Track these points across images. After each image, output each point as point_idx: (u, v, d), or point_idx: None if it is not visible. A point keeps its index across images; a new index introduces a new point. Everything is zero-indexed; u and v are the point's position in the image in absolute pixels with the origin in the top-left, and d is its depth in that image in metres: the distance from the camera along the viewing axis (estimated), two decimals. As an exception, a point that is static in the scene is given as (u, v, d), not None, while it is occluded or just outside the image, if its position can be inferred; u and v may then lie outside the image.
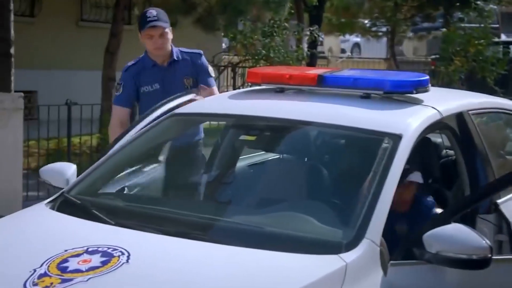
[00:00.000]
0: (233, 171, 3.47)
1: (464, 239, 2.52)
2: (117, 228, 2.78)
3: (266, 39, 9.20)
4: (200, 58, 4.20)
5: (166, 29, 4.09)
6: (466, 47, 12.38)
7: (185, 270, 2.48)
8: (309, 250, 2.56)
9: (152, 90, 4.12)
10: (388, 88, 3.22)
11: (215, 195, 3.28)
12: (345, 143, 3.40)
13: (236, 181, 3.30)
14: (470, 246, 2.51)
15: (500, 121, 3.94)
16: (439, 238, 2.54)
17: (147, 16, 4.07)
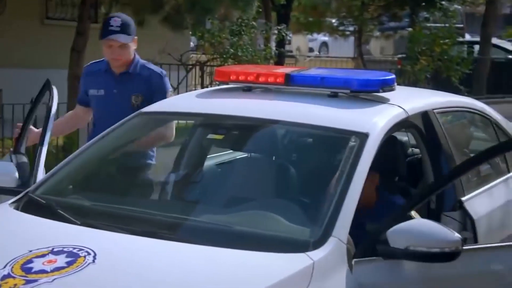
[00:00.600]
0: (201, 170, 3.46)
1: (436, 233, 2.54)
2: (83, 228, 2.75)
3: (234, 38, 9.20)
4: (159, 79, 3.92)
5: (129, 43, 3.87)
6: (432, 46, 12.54)
7: (153, 270, 2.46)
8: (276, 248, 2.57)
9: (97, 94, 3.94)
10: (355, 87, 3.24)
11: (183, 194, 3.27)
12: (312, 142, 3.42)
13: (204, 180, 3.29)
14: (442, 240, 2.53)
15: (465, 119, 4.00)
16: (407, 233, 2.56)
17: (111, 24, 3.83)
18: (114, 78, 3.94)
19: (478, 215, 3.38)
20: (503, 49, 16.61)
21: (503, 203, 3.66)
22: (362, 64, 17.24)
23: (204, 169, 3.44)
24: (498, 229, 3.53)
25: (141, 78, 3.91)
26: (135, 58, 3.95)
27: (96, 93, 3.96)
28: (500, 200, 3.65)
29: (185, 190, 3.28)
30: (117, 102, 3.83)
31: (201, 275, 2.44)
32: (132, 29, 3.91)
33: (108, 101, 3.89)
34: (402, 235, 2.57)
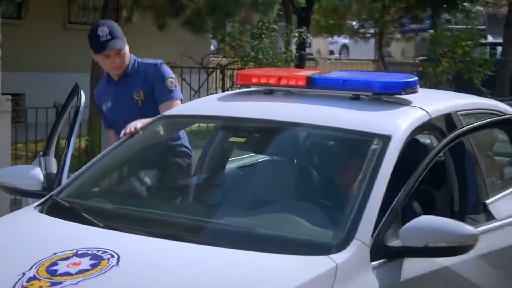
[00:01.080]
0: (223, 173, 3.46)
1: (453, 229, 2.60)
2: (106, 231, 2.77)
3: (255, 41, 9.20)
4: (155, 68, 3.79)
5: (123, 48, 3.73)
6: (454, 48, 12.45)
7: (175, 272, 2.48)
8: (299, 251, 2.57)
9: (107, 108, 3.87)
10: (377, 90, 3.23)
11: (205, 197, 3.28)
12: (334, 144, 3.41)
13: (226, 183, 3.30)
14: (461, 234, 2.59)
15: (488, 122, 3.95)
16: (424, 231, 2.58)
17: (100, 35, 3.66)
18: (115, 85, 3.85)
19: (502, 217, 3.35)
20: (526, 50, 16.44)
21: (527, 206, 3.61)
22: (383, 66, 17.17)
23: (226, 172, 3.45)
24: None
25: (139, 74, 3.80)
26: (131, 58, 3.83)
27: (106, 107, 3.89)
28: (525, 203, 3.61)
29: (207, 193, 3.30)
30: (122, 105, 3.78)
31: (223, 278, 2.44)
32: (120, 31, 3.78)
33: (115, 108, 3.83)
34: (418, 233, 2.58)
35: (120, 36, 3.75)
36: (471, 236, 2.60)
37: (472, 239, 2.61)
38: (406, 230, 2.61)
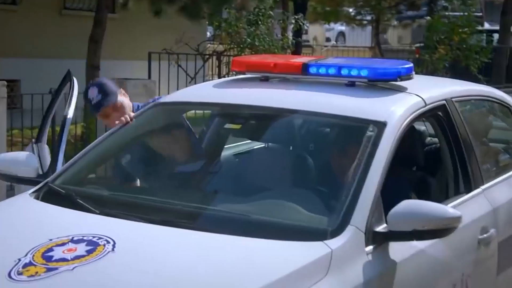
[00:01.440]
0: (219, 160, 3.46)
1: (439, 212, 2.66)
2: (102, 217, 2.77)
3: (251, 28, 9.16)
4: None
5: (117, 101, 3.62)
6: (450, 35, 12.43)
7: (171, 258, 2.48)
8: (294, 237, 2.58)
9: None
10: (372, 76, 3.22)
11: (201, 184, 3.28)
12: (330, 131, 3.41)
13: (222, 170, 3.30)
14: (447, 217, 2.67)
15: (484, 108, 3.97)
16: (411, 217, 2.63)
17: (91, 99, 3.65)
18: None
19: (497, 203, 3.36)
20: (523, 37, 16.43)
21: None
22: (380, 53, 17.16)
23: (222, 159, 3.45)
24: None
25: None
26: (133, 106, 3.76)
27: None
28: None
29: (203, 180, 3.30)
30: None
31: (219, 264, 2.45)
32: (111, 86, 3.69)
33: None
34: (405, 218, 2.63)
35: (111, 91, 3.67)
36: (454, 219, 2.67)
37: (456, 221, 2.67)
38: (393, 215, 2.64)
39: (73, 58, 10.70)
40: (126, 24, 11.87)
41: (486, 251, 3.19)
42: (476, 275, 3.09)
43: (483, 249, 3.17)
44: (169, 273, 2.39)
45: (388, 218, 2.67)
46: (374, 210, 2.68)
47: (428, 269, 2.84)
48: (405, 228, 2.64)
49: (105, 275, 2.38)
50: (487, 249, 3.20)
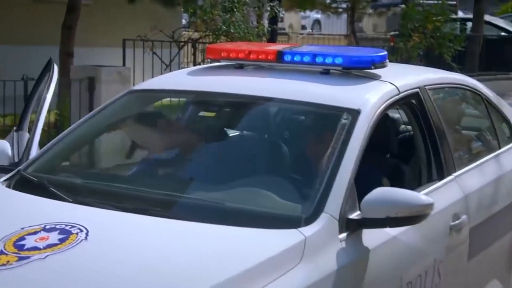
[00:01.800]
0: (194, 147, 3.45)
1: (413, 200, 2.69)
2: (75, 205, 2.75)
3: (227, 15, 9.12)
4: None
5: None
6: (424, 23, 12.51)
7: (145, 247, 2.47)
8: (268, 225, 2.59)
9: None
10: (346, 64, 3.23)
11: (175, 172, 3.27)
12: (304, 119, 3.42)
13: (196, 157, 3.29)
14: (417, 204, 2.69)
15: (457, 96, 4.01)
16: (385, 204, 2.65)
17: None
18: None
19: (469, 190, 3.41)
20: (496, 26, 16.58)
21: (493, 179, 3.68)
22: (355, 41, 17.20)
23: (196, 147, 3.43)
24: (488, 205, 3.56)
25: None
26: None
27: None
28: (491, 176, 3.68)
29: (177, 168, 3.28)
30: None
31: (192, 252, 2.45)
32: None
33: None
34: (378, 205, 2.65)
35: None
36: (427, 206, 2.70)
37: (428, 208, 2.70)
38: (366, 202, 2.66)
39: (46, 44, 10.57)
40: (100, 11, 11.74)
41: (457, 237, 3.23)
42: (447, 261, 3.13)
43: (455, 235, 3.21)
44: (143, 261, 2.38)
45: (362, 205, 2.69)
46: (348, 198, 2.70)
47: (401, 256, 2.87)
48: (378, 215, 2.66)
49: (78, 263, 2.36)
50: (459, 235, 3.24)
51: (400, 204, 2.66)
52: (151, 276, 2.30)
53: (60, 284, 2.27)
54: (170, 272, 2.32)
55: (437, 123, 3.40)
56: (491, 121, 4.02)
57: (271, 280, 2.36)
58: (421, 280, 2.95)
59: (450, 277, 3.19)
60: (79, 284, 2.27)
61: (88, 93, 7.63)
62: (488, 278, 3.65)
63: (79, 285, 2.26)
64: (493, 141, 3.98)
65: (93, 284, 2.26)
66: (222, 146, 3.30)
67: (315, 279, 2.46)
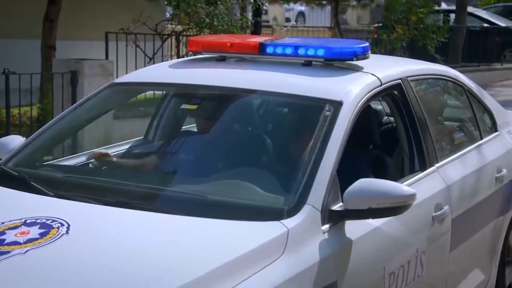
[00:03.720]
0: (176, 140, 3.43)
1: (394, 190, 2.69)
2: (56, 200, 2.73)
3: (210, 7, 9.08)
4: None
5: None
6: (408, 15, 12.55)
7: (126, 240, 2.46)
8: (251, 217, 2.58)
9: None
10: (328, 56, 3.23)
11: (157, 165, 3.25)
12: (287, 111, 3.41)
13: (178, 150, 3.27)
14: (402, 195, 2.69)
15: (438, 87, 4.02)
16: (367, 194, 2.65)
17: None
18: None
19: (451, 181, 3.42)
20: (479, 17, 16.68)
21: (475, 170, 3.70)
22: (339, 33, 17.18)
23: (178, 139, 3.42)
24: (470, 195, 3.58)
25: None
26: None
27: None
28: (473, 167, 3.70)
29: (159, 160, 3.27)
30: None
31: (174, 245, 2.44)
32: None
33: None
34: (361, 197, 2.65)
35: None
36: (409, 196, 2.71)
37: (410, 199, 2.71)
38: (348, 194, 2.67)
39: (28, 38, 10.48)
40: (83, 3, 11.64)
41: (440, 227, 3.25)
42: (430, 251, 3.15)
43: (437, 226, 3.22)
44: (124, 255, 2.37)
45: (344, 196, 2.69)
46: (331, 189, 2.70)
47: (383, 246, 2.87)
48: (360, 206, 2.67)
49: (59, 258, 2.34)
50: (441, 226, 3.26)
51: (382, 195, 2.67)
52: (130, 269, 2.28)
53: (40, 278, 2.25)
54: (150, 266, 2.31)
55: (419, 114, 3.40)
56: (473, 112, 4.04)
57: (253, 272, 2.35)
58: (403, 270, 2.96)
59: (433, 267, 3.21)
60: (60, 279, 2.25)
61: (70, 86, 7.57)
62: (470, 268, 3.68)
63: (59, 279, 2.24)
64: (475, 132, 4.00)
65: (73, 278, 2.24)
66: (204, 138, 3.29)
67: (297, 271, 2.46)
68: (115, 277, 2.25)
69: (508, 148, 4.11)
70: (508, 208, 3.94)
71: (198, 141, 3.27)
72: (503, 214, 3.90)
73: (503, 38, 15.78)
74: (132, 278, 2.25)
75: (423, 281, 3.11)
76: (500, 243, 3.90)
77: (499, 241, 3.88)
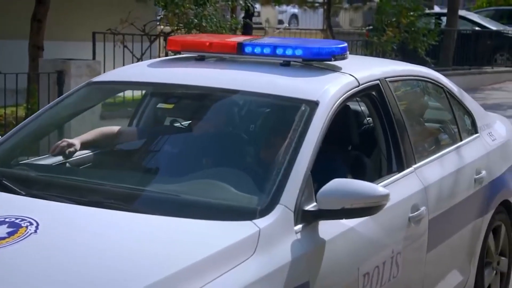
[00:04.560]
0: (151, 140, 3.41)
1: (368, 190, 2.68)
2: (28, 199, 2.71)
3: (199, 8, 9.06)
4: None
5: None
6: (398, 18, 12.57)
7: (95, 239, 2.44)
8: (224, 216, 2.57)
9: None
10: (307, 56, 3.23)
11: (132, 164, 3.23)
12: (264, 111, 3.40)
13: (152, 149, 3.26)
14: (376, 195, 2.68)
15: (418, 88, 4.01)
16: (341, 194, 2.64)
17: None
18: None
19: (429, 182, 3.41)
20: (471, 21, 16.71)
21: (454, 171, 3.70)
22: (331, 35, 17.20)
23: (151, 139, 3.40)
24: (448, 196, 3.57)
25: None
26: None
27: None
28: (451, 168, 3.69)
29: (133, 160, 3.25)
30: None
31: (144, 244, 2.42)
32: None
33: None
34: (335, 197, 2.64)
35: None
36: (382, 197, 2.70)
37: (384, 199, 2.70)
38: (322, 194, 2.65)
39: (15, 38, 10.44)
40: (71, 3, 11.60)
41: (416, 228, 3.24)
42: (406, 252, 3.14)
43: (413, 227, 3.21)
44: (92, 254, 2.35)
45: (317, 196, 2.68)
46: (304, 189, 2.69)
47: (358, 247, 2.86)
48: (334, 206, 2.66)
49: (26, 257, 2.32)
50: (418, 227, 3.25)
51: (355, 195, 2.66)
52: (97, 268, 2.27)
53: (6, 277, 2.23)
54: (118, 264, 2.30)
55: (397, 115, 3.40)
56: (453, 114, 4.03)
57: (223, 271, 2.34)
58: (378, 271, 2.95)
59: (409, 268, 3.20)
60: (26, 278, 2.23)
61: (57, 86, 7.54)
62: (448, 269, 3.67)
63: (24, 279, 2.22)
64: (455, 133, 4.00)
65: (39, 277, 2.22)
66: (179, 138, 3.28)
67: (268, 271, 2.45)
68: (81, 276, 2.24)
69: (488, 150, 4.11)
70: (487, 209, 3.94)
71: (173, 140, 3.26)
72: (482, 216, 3.89)
73: (494, 42, 15.82)
74: (99, 276, 2.24)
75: (398, 282, 3.10)
76: (479, 244, 3.89)
77: (477, 243, 3.88)
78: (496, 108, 11.03)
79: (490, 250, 4.04)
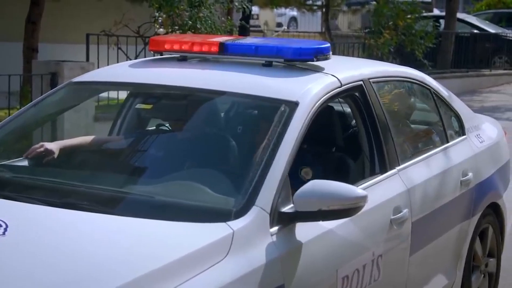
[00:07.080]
0: (128, 141, 3.38)
1: (345, 192, 2.65)
2: None
3: (193, 10, 9.03)
4: None
5: None
6: (396, 20, 12.54)
7: (67, 241, 2.41)
8: (198, 218, 2.54)
9: None
10: (288, 56, 3.19)
11: (107, 165, 3.19)
12: (243, 111, 3.37)
13: (129, 150, 3.22)
14: (353, 197, 2.65)
15: (403, 89, 3.96)
16: (317, 196, 2.60)
17: None
18: None
19: (412, 184, 3.37)
20: (469, 24, 16.67)
21: (439, 173, 3.65)
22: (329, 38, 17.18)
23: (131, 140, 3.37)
24: (432, 198, 3.52)
25: None
26: None
27: None
28: (436, 170, 3.65)
29: (109, 161, 3.22)
30: None
31: (116, 245, 2.39)
32: None
33: None
34: (311, 198, 2.60)
35: None
36: (360, 198, 2.66)
37: (361, 201, 2.66)
38: (299, 195, 2.61)
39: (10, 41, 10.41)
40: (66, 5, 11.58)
41: (398, 231, 3.19)
42: (388, 255, 3.10)
43: (396, 229, 3.17)
44: (62, 255, 2.32)
45: (294, 198, 2.64)
46: (281, 191, 2.65)
47: (336, 249, 2.82)
48: (310, 208, 2.62)
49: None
50: (400, 229, 3.20)
51: (332, 197, 2.62)
52: (67, 269, 2.23)
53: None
54: (89, 266, 2.26)
55: (380, 116, 3.36)
56: (439, 115, 3.98)
57: (195, 273, 2.31)
58: (358, 274, 2.91)
59: (391, 271, 3.15)
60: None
61: (50, 88, 7.51)
62: (433, 272, 3.62)
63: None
64: (441, 135, 3.95)
65: (6, 279, 2.18)
66: (157, 139, 3.24)
67: (242, 273, 2.41)
68: (49, 279, 2.20)
69: (476, 152, 4.06)
70: (474, 212, 3.89)
71: (150, 141, 3.22)
72: (469, 218, 3.85)
73: (493, 45, 15.77)
74: (69, 278, 2.20)
75: (380, 285, 3.05)
76: (465, 247, 3.84)
77: (464, 246, 3.83)
78: (494, 111, 10.99)
79: (477, 254, 3.99)
